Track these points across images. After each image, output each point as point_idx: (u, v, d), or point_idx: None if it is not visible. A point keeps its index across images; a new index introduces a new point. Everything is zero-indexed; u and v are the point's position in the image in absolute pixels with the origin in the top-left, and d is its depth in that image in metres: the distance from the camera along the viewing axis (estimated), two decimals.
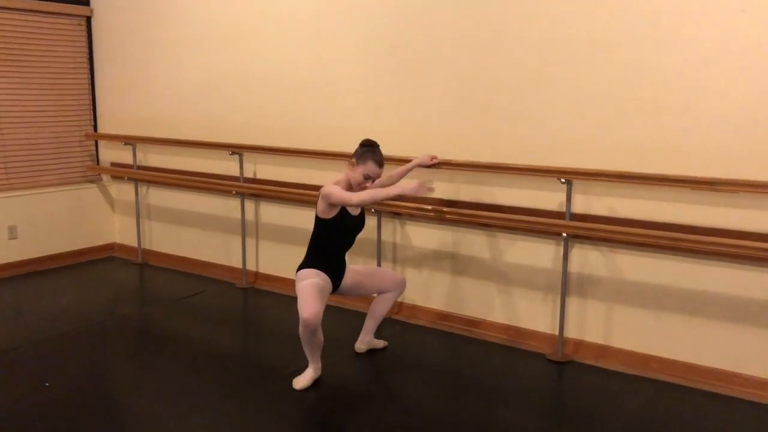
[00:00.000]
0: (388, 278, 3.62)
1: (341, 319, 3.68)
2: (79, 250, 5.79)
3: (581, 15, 3.49)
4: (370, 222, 4.35)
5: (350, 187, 3.33)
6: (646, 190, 3.43)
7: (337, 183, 3.30)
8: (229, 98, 5.01)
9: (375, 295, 3.67)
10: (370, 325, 3.71)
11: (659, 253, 3.45)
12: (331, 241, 3.36)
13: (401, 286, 3.64)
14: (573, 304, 3.74)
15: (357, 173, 3.29)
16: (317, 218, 3.32)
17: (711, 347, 3.38)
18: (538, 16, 3.62)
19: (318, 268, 3.31)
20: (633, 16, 3.35)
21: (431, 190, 3.20)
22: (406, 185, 3.14)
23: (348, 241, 3.44)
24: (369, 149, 3.31)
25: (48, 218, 5.56)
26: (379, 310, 3.66)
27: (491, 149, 3.86)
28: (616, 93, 3.45)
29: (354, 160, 3.31)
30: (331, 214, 3.28)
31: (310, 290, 3.21)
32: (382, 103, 4.22)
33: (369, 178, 3.29)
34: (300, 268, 3.35)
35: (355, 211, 3.39)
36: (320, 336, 3.26)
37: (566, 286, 3.69)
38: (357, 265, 3.63)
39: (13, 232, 5.33)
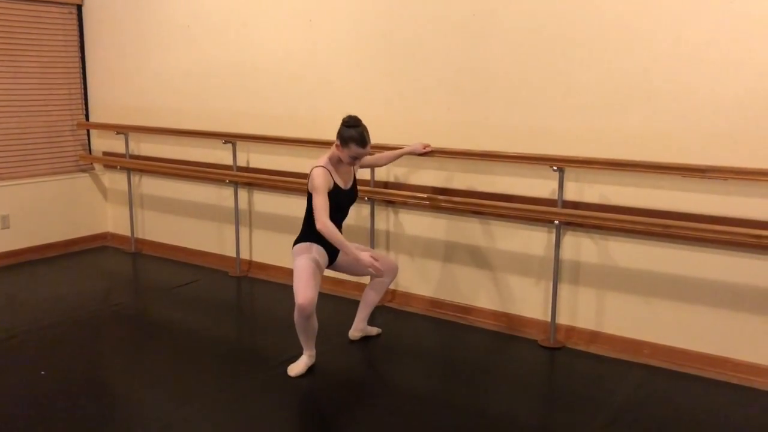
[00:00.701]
0: (383, 262, 3.62)
1: (335, 307, 3.70)
2: (71, 239, 5.79)
3: (574, 7, 3.50)
4: (363, 210, 4.37)
5: (339, 161, 3.31)
6: (638, 178, 3.46)
7: (329, 157, 3.29)
8: (221, 87, 4.99)
9: (368, 282, 3.69)
10: (363, 313, 3.73)
11: (650, 240, 3.48)
12: None
13: (393, 272, 3.66)
14: (565, 290, 3.78)
15: (344, 155, 3.27)
16: (309, 194, 3.30)
17: (702, 333, 3.42)
18: (531, 7, 3.62)
19: (314, 242, 3.32)
20: (624, 7, 3.36)
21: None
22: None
23: (341, 214, 3.44)
24: (351, 131, 3.21)
25: (40, 208, 5.55)
26: (371, 297, 3.69)
27: (484, 137, 3.88)
28: (608, 81, 3.46)
29: (338, 142, 3.25)
30: None
31: (306, 273, 3.22)
32: (375, 91, 4.23)
33: (356, 158, 3.28)
34: (296, 241, 3.36)
35: (346, 185, 3.38)
36: (315, 322, 3.27)
37: (558, 273, 3.72)
38: (355, 243, 3.62)
39: (5, 222, 5.32)
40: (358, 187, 3.54)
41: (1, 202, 5.29)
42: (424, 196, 3.99)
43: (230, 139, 4.83)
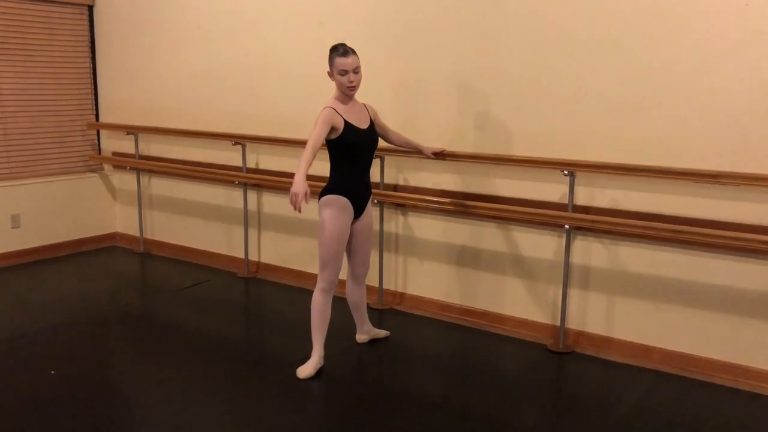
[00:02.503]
0: (365, 256, 3.54)
1: (345, 309, 3.70)
2: (81, 239, 5.80)
3: (585, 9, 3.49)
4: (373, 212, 4.36)
5: (345, 98, 3.29)
6: (649, 183, 3.44)
7: (334, 97, 3.29)
8: (231, 88, 5.00)
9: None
10: (358, 316, 3.71)
11: (661, 245, 3.47)
12: (347, 159, 3.30)
13: (366, 270, 3.58)
14: (574, 295, 3.76)
15: (336, 78, 3.25)
16: (327, 143, 3.28)
17: (712, 339, 3.40)
18: (542, 9, 3.62)
19: (340, 193, 3.28)
20: (636, 10, 3.35)
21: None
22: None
23: (364, 158, 3.37)
24: (331, 52, 3.26)
25: (50, 207, 5.57)
26: (357, 299, 3.64)
27: (494, 140, 3.87)
28: (619, 86, 3.45)
29: (328, 70, 3.28)
30: (335, 134, 3.22)
31: (330, 243, 3.25)
32: (385, 93, 4.22)
33: (346, 72, 3.22)
34: (323, 192, 3.32)
35: (362, 124, 3.33)
36: (329, 309, 3.34)
37: (568, 277, 3.71)
38: (369, 222, 3.52)
39: (15, 221, 5.34)
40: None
41: (12, 201, 5.31)
42: (434, 199, 3.99)
43: (240, 140, 4.84)
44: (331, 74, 3.27)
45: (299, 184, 2.99)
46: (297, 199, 3.00)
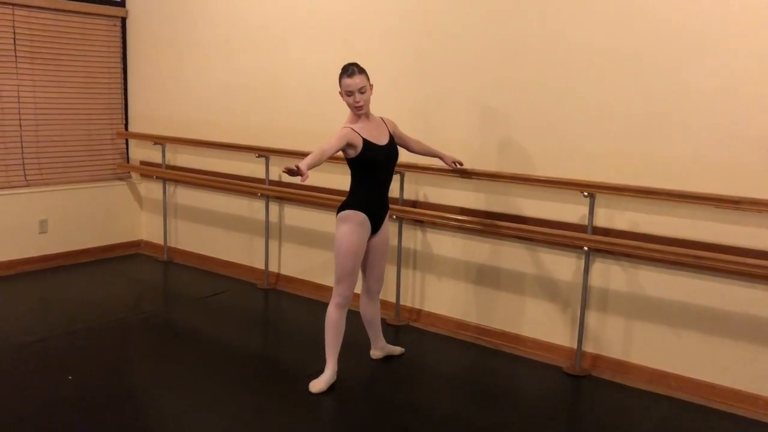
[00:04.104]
0: (381, 272, 3.55)
1: (359, 324, 3.71)
2: (107, 245, 5.90)
3: (607, 29, 3.48)
4: (392, 227, 4.38)
5: (359, 117, 3.32)
6: (670, 207, 3.40)
7: (348, 120, 3.33)
8: (257, 101, 5.07)
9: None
10: (372, 332, 3.71)
11: (681, 270, 3.42)
12: (367, 176, 3.33)
13: (380, 286, 3.60)
14: (592, 318, 3.72)
15: (344, 99, 3.30)
16: (348, 161, 3.32)
17: (732, 367, 3.34)
18: (563, 29, 3.62)
19: (359, 209, 3.30)
20: (659, 32, 3.34)
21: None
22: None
23: (384, 173, 3.39)
24: (340, 73, 3.30)
25: (78, 213, 5.68)
26: (371, 315, 3.65)
27: (514, 159, 3.87)
28: (641, 107, 3.43)
29: (340, 91, 3.32)
30: (354, 153, 3.25)
31: (347, 258, 3.27)
32: (407, 110, 4.24)
33: (351, 93, 3.26)
34: (341, 207, 3.35)
35: (381, 141, 3.35)
36: (343, 323, 3.36)
37: (586, 299, 3.67)
38: (385, 238, 3.52)
39: (43, 226, 5.46)
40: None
41: (41, 206, 5.43)
42: (454, 216, 3.99)
43: (263, 153, 4.89)
44: (341, 95, 3.32)
45: (302, 166, 3.03)
46: (296, 170, 3.00)
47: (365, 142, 3.25)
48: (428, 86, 4.16)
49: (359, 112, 3.30)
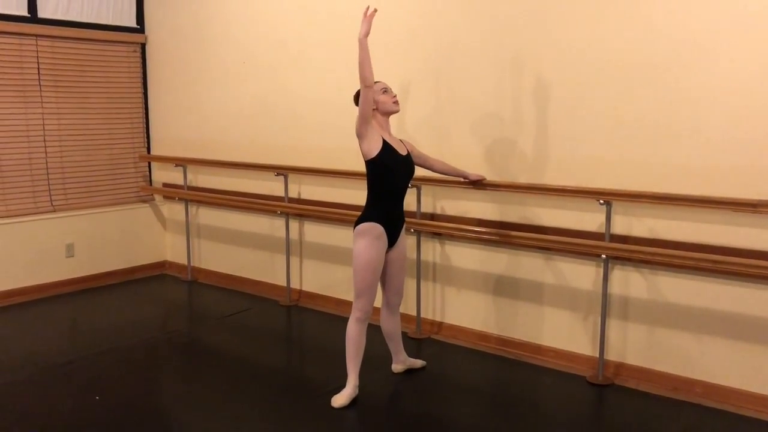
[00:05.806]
0: (400, 285, 3.57)
1: (381, 338, 3.73)
2: (132, 267, 6.00)
3: (621, 37, 3.49)
4: (409, 240, 4.40)
5: (380, 125, 3.38)
6: (688, 212, 3.38)
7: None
8: (275, 121, 5.15)
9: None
10: (393, 346, 3.72)
11: (701, 275, 3.39)
12: (383, 184, 3.34)
13: (400, 299, 3.62)
14: (614, 326, 3.70)
15: (380, 99, 3.35)
16: (366, 163, 3.34)
17: (758, 372, 3.29)
18: (577, 38, 3.63)
19: (375, 221, 3.32)
20: (674, 38, 3.34)
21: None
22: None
23: (400, 183, 3.40)
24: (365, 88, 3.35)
25: (103, 237, 5.79)
26: (391, 329, 3.66)
27: (530, 169, 3.87)
28: (657, 114, 3.42)
29: (375, 107, 3.36)
30: (374, 151, 3.27)
31: (365, 272, 3.29)
32: (422, 123, 4.28)
33: (386, 90, 3.38)
34: (358, 221, 3.36)
35: (400, 151, 3.39)
36: (364, 338, 3.38)
37: (607, 307, 3.66)
38: (403, 250, 3.54)
39: (70, 250, 5.57)
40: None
41: (67, 231, 5.55)
42: (471, 228, 4.00)
43: (282, 171, 4.95)
44: (376, 104, 3.35)
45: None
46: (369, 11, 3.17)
47: (385, 143, 3.31)
48: (445, 99, 4.19)
49: (397, 107, 3.40)
